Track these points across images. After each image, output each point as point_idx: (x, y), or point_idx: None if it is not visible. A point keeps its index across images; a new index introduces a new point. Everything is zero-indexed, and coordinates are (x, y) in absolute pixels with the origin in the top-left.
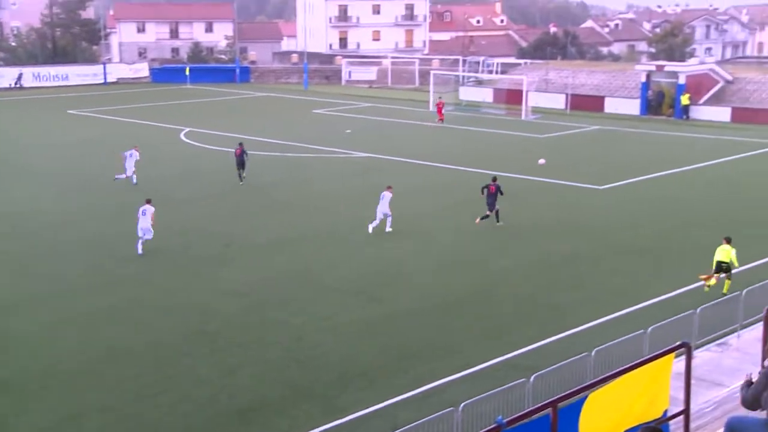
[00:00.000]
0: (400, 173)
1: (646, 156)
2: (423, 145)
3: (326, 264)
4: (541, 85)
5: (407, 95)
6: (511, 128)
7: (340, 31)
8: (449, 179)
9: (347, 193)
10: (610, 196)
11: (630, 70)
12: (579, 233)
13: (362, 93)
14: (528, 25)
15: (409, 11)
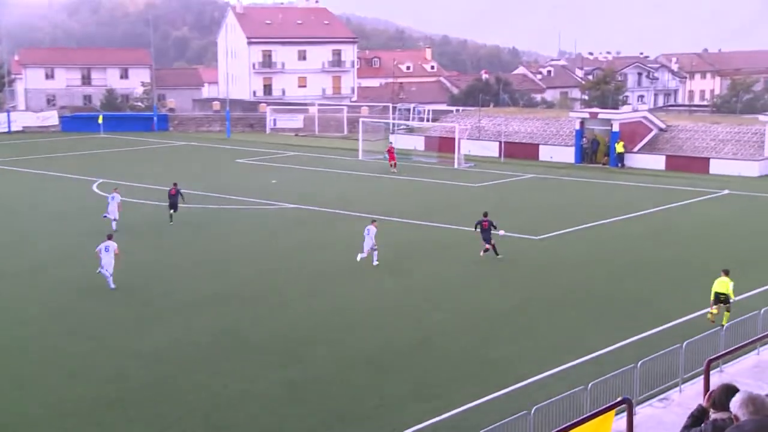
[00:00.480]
0: (328, 225)
1: (583, 205)
2: (353, 196)
3: (251, 322)
4: (474, 132)
5: (336, 144)
6: (444, 177)
7: (264, 77)
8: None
9: (273, 246)
10: (547, 246)
11: (564, 117)
12: (515, 285)
13: (288, 141)
14: (459, 71)
15: (336, 57)
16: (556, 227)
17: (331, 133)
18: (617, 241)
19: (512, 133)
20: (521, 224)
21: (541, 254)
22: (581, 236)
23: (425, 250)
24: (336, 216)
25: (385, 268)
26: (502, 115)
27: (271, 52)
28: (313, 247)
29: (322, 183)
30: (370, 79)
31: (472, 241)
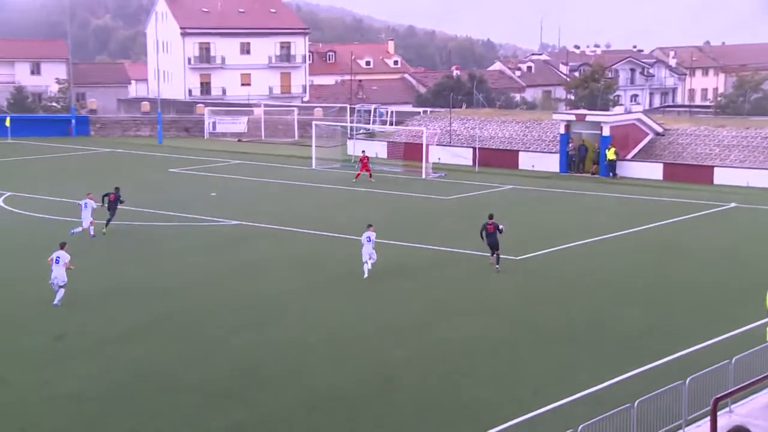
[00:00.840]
0: (276, 244)
1: (570, 220)
2: (305, 210)
3: (186, 360)
4: (444, 137)
5: (285, 150)
6: (409, 188)
7: (201, 74)
8: (333, 249)
9: (212, 269)
10: (528, 267)
11: (547, 120)
12: (492, 313)
13: (230, 148)
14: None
15: (285, 51)
16: (540, 246)
17: (279, 139)
18: (609, 261)
19: (488, 138)
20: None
21: (522, 277)
22: (568, 256)
23: (389, 274)
24: (285, 234)
25: (344, 294)
26: (476, 118)
27: (209, 45)
28: (259, 269)
29: (270, 196)
30: (325, 77)
31: (448, 262)
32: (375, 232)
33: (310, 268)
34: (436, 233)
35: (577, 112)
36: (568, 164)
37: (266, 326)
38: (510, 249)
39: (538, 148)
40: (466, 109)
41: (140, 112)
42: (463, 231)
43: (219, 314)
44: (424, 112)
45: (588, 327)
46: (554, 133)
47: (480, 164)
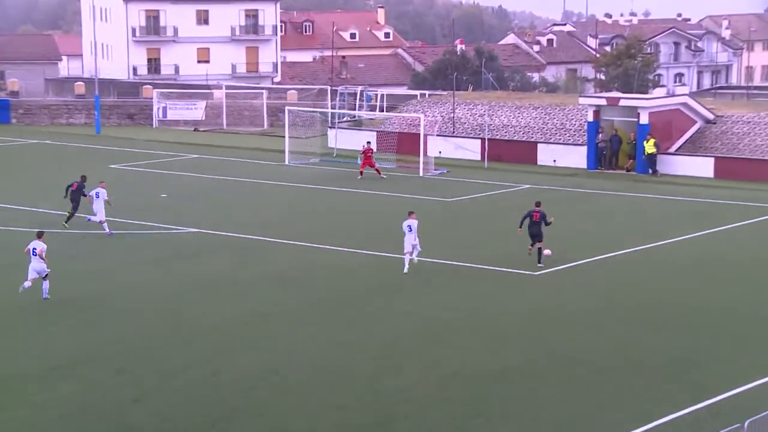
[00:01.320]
0: (242, 257)
1: (599, 228)
2: (277, 216)
3: (130, 395)
4: (447, 126)
5: (252, 142)
6: (404, 189)
7: (148, 48)
8: (311, 264)
9: (162, 288)
10: (550, 285)
11: (572, 105)
12: (506, 338)
13: (184, 139)
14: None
15: (251, 21)
16: (561, 259)
17: (245, 128)
18: (646, 277)
19: (499, 127)
20: (513, 254)
21: (540, 295)
22: (595, 271)
23: (381, 292)
24: (253, 245)
25: (328, 318)
26: (485, 102)
27: (159, 12)
28: (222, 288)
29: (234, 198)
30: (300, 52)
31: (455, 277)
32: (417, 219)
33: (285, 286)
34: (437, 243)
35: (609, 95)
36: (597, 159)
37: (230, 357)
38: (527, 262)
39: (561, 140)
40: (472, 92)
41: (73, 95)
42: (469, 239)
43: (174, 343)
44: (421, 96)
45: (620, 356)
46: (581, 120)
47: (490, 159)
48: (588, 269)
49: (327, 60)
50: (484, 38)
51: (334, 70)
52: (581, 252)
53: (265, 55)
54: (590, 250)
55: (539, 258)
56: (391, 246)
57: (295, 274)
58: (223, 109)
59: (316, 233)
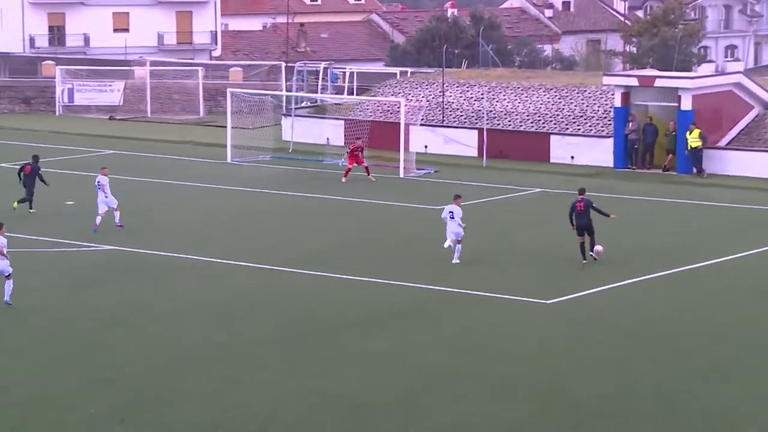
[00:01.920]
0: (172, 279)
1: (629, 244)
2: (214, 229)
3: None
4: (434, 113)
5: (184, 134)
6: (379, 194)
7: (50, 13)
8: (258, 289)
9: (74, 321)
10: (567, 315)
11: (594, 86)
12: (518, 387)
13: (96, 130)
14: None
15: None
16: (583, 283)
17: (175, 116)
18: (688, 307)
19: (502, 114)
20: (520, 278)
21: (555, 329)
22: (624, 298)
23: (355, 323)
24: (183, 265)
25: (284, 356)
26: (483, 83)
27: None
28: (144, 320)
29: (160, 206)
30: (246, 19)
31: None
32: (460, 207)
33: (228, 319)
34: (422, 264)
35: (642, 73)
36: (627, 155)
37: (156, 412)
38: (536, 288)
39: (581, 130)
40: (467, 70)
41: None
42: (464, 259)
43: (78, 392)
44: (402, 75)
45: (657, 407)
46: (605, 106)
47: (490, 155)
48: (614, 295)
49: (281, 28)
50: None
51: (289, 42)
52: (604, 274)
53: (201, 22)
54: (616, 272)
55: (584, 254)
56: (364, 266)
57: (241, 304)
58: (146, 91)
59: (266, 251)
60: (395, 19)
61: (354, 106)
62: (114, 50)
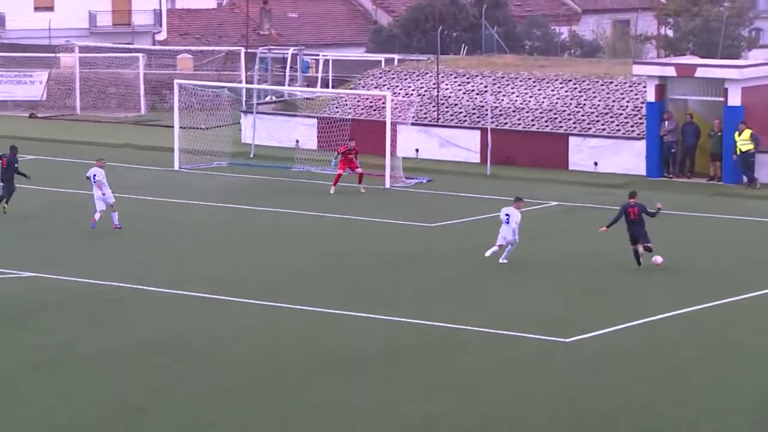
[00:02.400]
0: (101, 314)
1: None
2: (157, 251)
3: None
4: (427, 110)
5: (121, 135)
6: (361, 208)
7: None
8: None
9: None
10: (590, 357)
11: (622, 77)
12: None
13: (15, 131)
14: None
15: None
16: (607, 318)
17: (110, 113)
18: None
19: (509, 111)
20: (533, 310)
21: (577, 374)
22: (656, 337)
23: (329, 368)
24: (116, 295)
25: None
26: (486, 73)
27: None
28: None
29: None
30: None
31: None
32: (520, 211)
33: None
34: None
35: (680, 61)
36: (663, 160)
37: None
38: (554, 325)
39: (606, 130)
40: (467, 57)
41: None
42: (463, 288)
43: None
44: (388, 63)
45: None
46: (636, 101)
47: (495, 161)
48: (644, 331)
49: (240, 7)
50: None
51: (250, 23)
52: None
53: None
54: (647, 304)
55: (638, 259)
56: (339, 297)
57: (189, 343)
58: (75, 83)
59: (221, 278)
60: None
61: (329, 101)
62: (35, 33)
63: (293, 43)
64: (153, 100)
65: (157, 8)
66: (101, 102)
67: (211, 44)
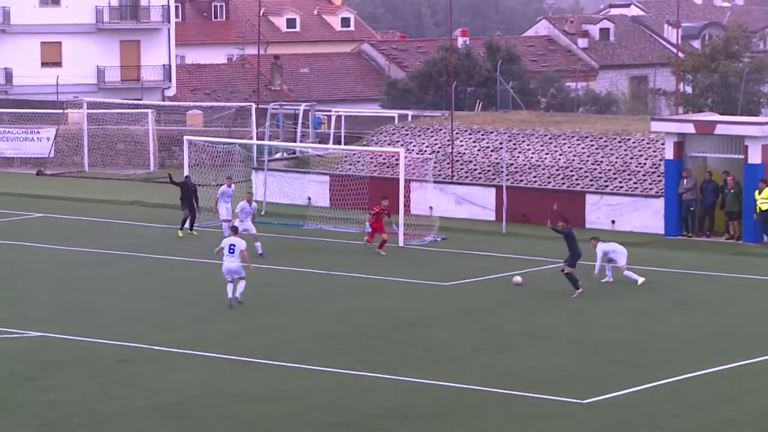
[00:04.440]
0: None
1: (681, 327)
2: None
3: None
4: (442, 167)
5: (130, 192)
6: (373, 267)
7: None
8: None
9: None
10: (602, 421)
11: (639, 134)
12: None
13: (22, 189)
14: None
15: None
16: (627, 378)
17: (119, 170)
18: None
19: (525, 168)
20: (548, 370)
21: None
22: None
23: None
24: (129, 355)
25: None
26: (502, 129)
27: None
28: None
29: (99, 284)
30: (208, 49)
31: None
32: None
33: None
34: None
35: (699, 118)
36: (681, 219)
37: None
38: (573, 387)
39: (624, 188)
40: (482, 113)
41: None
42: (476, 345)
43: None
44: (401, 119)
45: None
46: (654, 158)
47: (511, 219)
48: (665, 394)
49: (251, 62)
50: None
51: (261, 78)
52: (652, 368)
53: (152, 53)
54: (668, 366)
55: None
56: (355, 357)
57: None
58: (83, 140)
59: (236, 337)
60: (393, 50)
61: (342, 157)
62: (43, 89)
63: (305, 99)
64: (162, 157)
65: (167, 63)
66: (110, 159)
67: (221, 100)
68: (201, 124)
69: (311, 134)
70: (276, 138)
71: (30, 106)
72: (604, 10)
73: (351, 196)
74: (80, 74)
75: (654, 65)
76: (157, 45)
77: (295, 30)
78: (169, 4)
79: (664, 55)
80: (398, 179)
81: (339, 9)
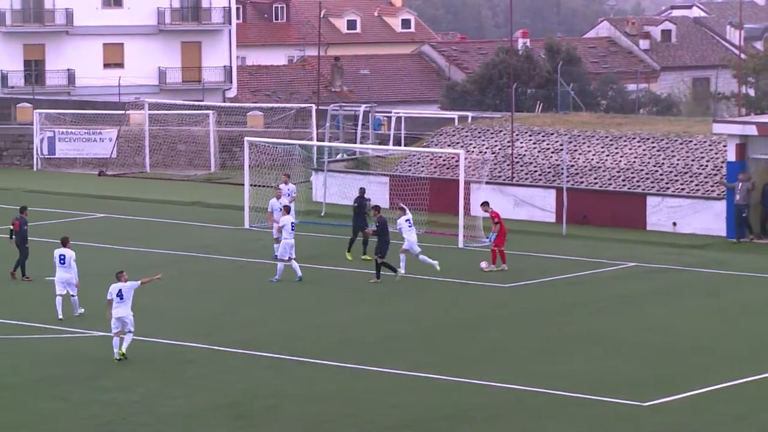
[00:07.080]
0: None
1: (743, 333)
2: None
3: None
4: (501, 169)
5: (191, 193)
6: (432, 269)
7: (26, 44)
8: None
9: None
10: (664, 425)
11: (701, 135)
12: None
13: (84, 189)
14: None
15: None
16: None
17: (180, 171)
18: None
19: (586, 170)
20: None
21: None
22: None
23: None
24: (191, 356)
25: None
26: (562, 131)
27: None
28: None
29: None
30: (269, 50)
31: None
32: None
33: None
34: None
35: (762, 119)
36: (741, 222)
37: None
38: (631, 388)
39: (685, 190)
40: (542, 115)
41: None
42: (540, 346)
43: None
44: (461, 120)
45: None
46: (716, 160)
47: (570, 221)
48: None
49: (311, 63)
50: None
51: (321, 80)
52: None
53: (213, 54)
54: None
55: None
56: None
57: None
58: (145, 140)
59: (291, 338)
60: (453, 51)
61: (402, 159)
62: (105, 90)
63: (365, 100)
64: (223, 158)
65: (228, 65)
66: (171, 159)
67: (281, 101)
68: (261, 125)
69: (371, 135)
70: (336, 139)
71: (92, 107)
72: (666, 12)
73: (411, 196)
74: (142, 75)
75: (716, 67)
76: (218, 46)
77: (355, 31)
78: (231, 5)
79: (725, 57)
80: (457, 181)
81: (399, 10)
